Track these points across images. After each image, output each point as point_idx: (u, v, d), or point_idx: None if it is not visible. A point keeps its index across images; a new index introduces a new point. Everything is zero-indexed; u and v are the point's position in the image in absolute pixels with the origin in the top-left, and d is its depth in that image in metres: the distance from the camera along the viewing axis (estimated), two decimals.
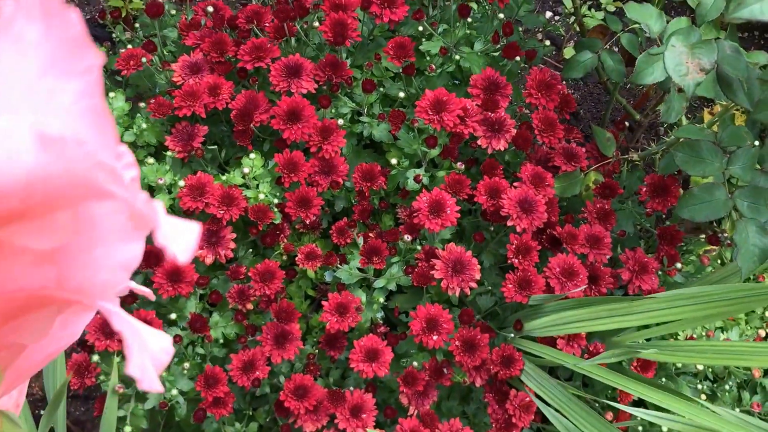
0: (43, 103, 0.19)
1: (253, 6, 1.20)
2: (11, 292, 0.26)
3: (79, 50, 0.19)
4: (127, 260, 0.27)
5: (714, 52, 0.79)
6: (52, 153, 0.19)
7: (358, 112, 1.18)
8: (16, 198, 0.21)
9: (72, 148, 0.19)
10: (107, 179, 0.19)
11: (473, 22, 1.25)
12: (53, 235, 0.24)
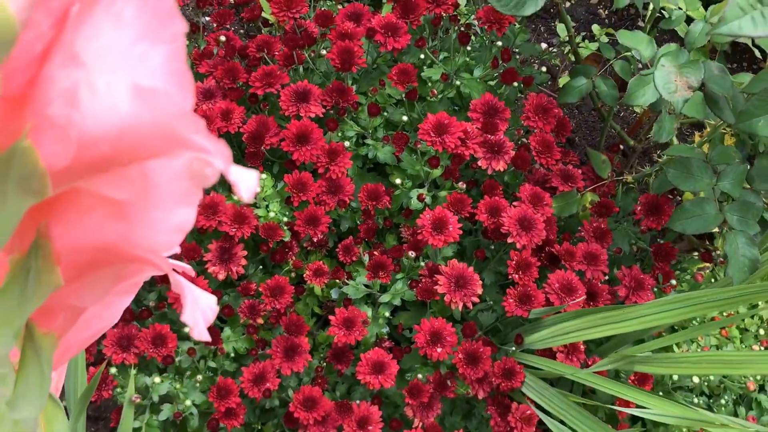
0: (136, 65, 0.24)
1: (263, 36, 1.26)
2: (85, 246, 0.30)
3: (167, 20, 0.24)
4: (183, 223, 0.31)
5: (701, 71, 0.84)
6: (144, 102, 0.24)
7: (363, 136, 1.23)
8: (108, 144, 0.25)
9: (161, 98, 0.23)
10: (189, 128, 0.24)
11: (472, 51, 1.31)
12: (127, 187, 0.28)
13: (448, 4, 1.26)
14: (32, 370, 0.35)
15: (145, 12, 0.24)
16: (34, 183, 0.24)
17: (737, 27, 0.67)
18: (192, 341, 1.09)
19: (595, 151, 1.30)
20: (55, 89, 0.23)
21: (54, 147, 0.24)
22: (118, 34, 0.24)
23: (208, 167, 0.28)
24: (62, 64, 0.23)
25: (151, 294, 1.11)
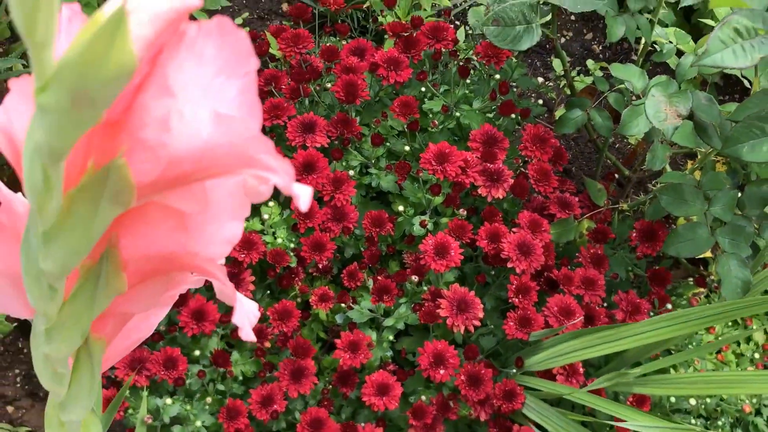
0: (215, 96, 0.28)
1: (271, 70, 1.31)
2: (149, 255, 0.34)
3: (242, 59, 0.28)
4: (233, 236, 0.35)
5: (689, 101, 0.89)
6: (222, 127, 0.28)
7: (366, 165, 1.28)
8: (191, 163, 0.29)
9: (237, 124, 0.28)
10: (260, 149, 0.28)
11: (471, 84, 1.36)
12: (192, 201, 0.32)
13: (447, 39, 1.31)
14: (84, 373, 0.38)
15: (223, 52, 0.28)
16: (125, 196, 0.28)
17: (720, 59, 0.72)
18: (201, 364, 1.12)
19: (593, 180, 1.34)
20: (149, 116, 0.27)
21: (144, 165, 0.28)
22: (201, 70, 0.28)
23: (263, 184, 0.32)
24: (156, 94, 0.27)
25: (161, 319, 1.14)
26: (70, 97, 0.25)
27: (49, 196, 0.29)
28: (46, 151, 0.27)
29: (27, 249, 0.32)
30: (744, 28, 0.76)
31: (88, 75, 0.24)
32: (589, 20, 1.94)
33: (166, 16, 0.27)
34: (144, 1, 0.26)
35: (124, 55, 0.24)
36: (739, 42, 0.74)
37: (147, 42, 0.26)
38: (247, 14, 1.87)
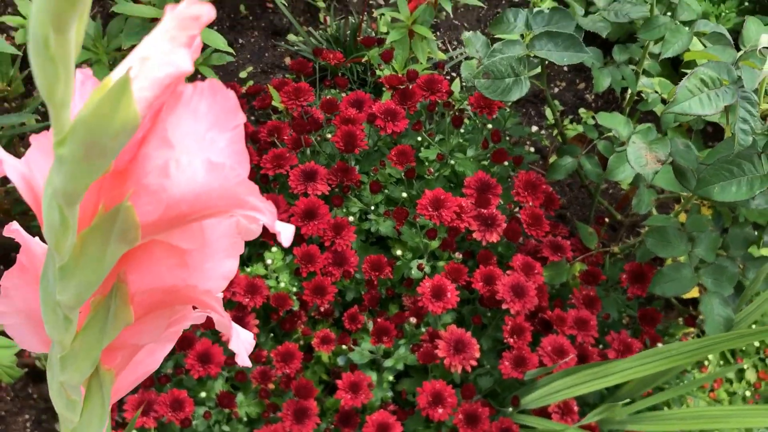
0: (208, 146, 0.33)
1: (273, 122, 1.37)
2: (153, 289, 0.39)
3: (231, 115, 0.33)
4: (229, 272, 0.40)
5: (668, 147, 0.94)
6: (214, 173, 0.33)
7: (366, 211, 1.33)
8: (187, 204, 0.34)
9: (227, 170, 0.33)
10: (246, 191, 0.33)
11: (465, 132, 1.42)
12: (191, 239, 0.37)
13: (442, 91, 1.37)
14: (95, 402, 0.43)
15: (215, 109, 0.33)
16: (131, 234, 0.33)
17: (688, 107, 0.77)
18: (207, 406, 1.15)
19: (584, 224, 1.39)
20: (152, 164, 0.32)
21: (148, 207, 0.33)
22: (195, 124, 0.33)
23: (254, 223, 0.37)
24: (157, 146, 0.32)
25: (168, 362, 1.18)
26: (84, 149, 0.30)
27: (65, 234, 0.33)
28: (63, 195, 0.32)
29: (45, 283, 0.36)
30: (709, 78, 0.81)
31: (98, 131, 0.30)
32: (580, 71, 2.01)
33: (164, 80, 0.32)
34: (145, 69, 0.32)
35: (128, 114, 0.29)
36: (706, 91, 0.79)
37: (148, 102, 0.32)
38: (251, 68, 1.95)
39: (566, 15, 1.23)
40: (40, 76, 0.29)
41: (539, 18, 1.23)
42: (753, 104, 0.81)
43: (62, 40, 0.27)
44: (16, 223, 0.40)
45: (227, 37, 1.99)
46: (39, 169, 0.37)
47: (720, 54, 0.91)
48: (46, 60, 0.28)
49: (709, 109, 0.78)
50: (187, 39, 0.32)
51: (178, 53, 0.32)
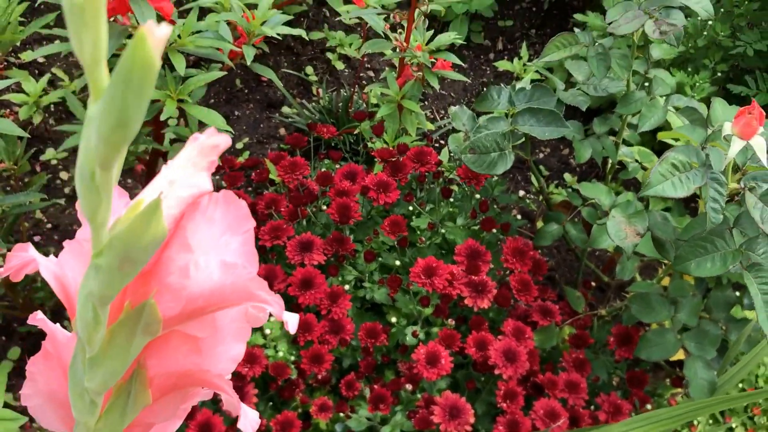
0: (223, 249, 0.38)
1: (271, 194, 1.42)
2: (170, 373, 0.43)
3: (242, 221, 0.38)
4: (237, 355, 0.44)
5: (646, 221, 0.99)
6: (228, 272, 0.38)
7: (360, 279, 1.37)
8: (204, 300, 0.39)
9: (239, 269, 0.37)
10: (257, 287, 0.37)
11: (455, 201, 1.47)
12: (204, 328, 0.42)
13: (431, 163, 1.43)
14: None
15: (228, 216, 0.38)
16: (154, 327, 0.38)
17: (661, 190, 0.83)
18: None
19: (572, 288, 1.43)
20: (174, 266, 0.37)
21: (169, 303, 0.37)
22: (212, 229, 0.38)
23: (261, 312, 0.41)
24: (178, 250, 0.37)
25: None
26: (118, 261, 0.35)
27: (97, 329, 0.38)
28: (97, 297, 0.36)
29: (74, 371, 0.41)
30: (680, 163, 0.87)
31: (132, 245, 0.34)
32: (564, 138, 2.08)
33: (187, 199, 0.37)
34: (172, 190, 0.37)
35: (158, 230, 0.34)
36: (677, 175, 0.85)
37: (174, 218, 0.37)
38: (247, 139, 2.01)
39: (547, 91, 1.30)
40: (85, 202, 0.34)
41: (522, 95, 1.30)
42: (722, 184, 0.86)
43: (106, 174, 0.32)
44: (41, 313, 0.45)
45: (224, 110, 2.06)
46: (70, 268, 0.42)
47: (691, 133, 0.97)
48: (91, 190, 0.33)
49: (681, 191, 0.84)
50: (208, 164, 0.37)
51: (200, 176, 0.37)
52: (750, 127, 0.84)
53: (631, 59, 1.25)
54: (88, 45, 0.30)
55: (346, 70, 2.10)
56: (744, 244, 0.91)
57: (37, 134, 1.89)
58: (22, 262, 0.44)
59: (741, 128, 0.85)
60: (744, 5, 1.63)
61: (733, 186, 0.89)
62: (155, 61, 0.29)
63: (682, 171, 0.86)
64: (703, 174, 0.88)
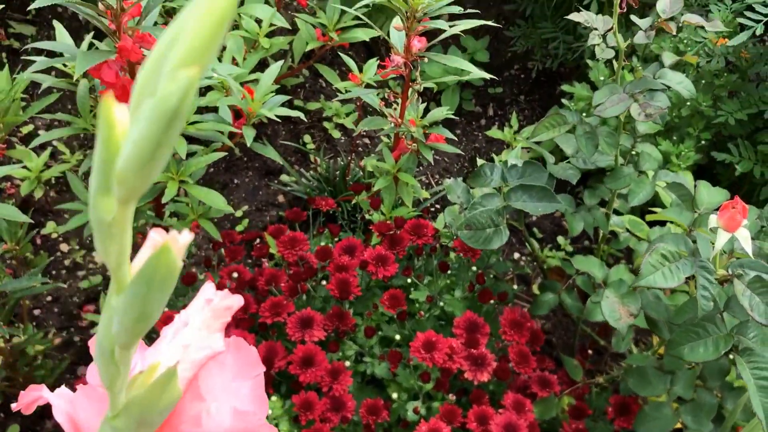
0: (233, 395, 0.41)
1: (270, 270, 1.45)
2: None
3: (252, 366, 0.41)
4: None
5: (638, 301, 1.02)
6: (239, 419, 0.40)
7: (361, 353, 1.39)
8: None
9: (250, 416, 0.40)
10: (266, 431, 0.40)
11: (452, 272, 1.50)
12: None
13: (427, 236, 1.47)
14: None
15: (239, 361, 0.41)
16: None
17: (653, 280, 0.86)
18: None
19: (569, 356, 1.45)
20: (186, 415, 0.40)
21: None
22: (223, 374, 0.41)
23: None
24: (191, 399, 0.40)
25: None
26: (135, 423, 0.38)
27: None
28: None
29: None
30: (669, 253, 0.91)
31: (148, 410, 0.37)
32: None
33: (202, 361, 0.40)
34: (187, 354, 0.40)
35: (173, 394, 0.37)
36: (667, 265, 0.89)
37: (188, 380, 0.40)
38: (246, 207, 2.05)
39: (538, 167, 1.34)
40: (104, 373, 0.37)
41: (514, 171, 1.34)
42: (710, 272, 0.90)
43: (125, 353, 0.35)
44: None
45: (223, 178, 2.10)
46: (83, 410, 0.45)
47: (678, 216, 1.01)
48: (110, 364, 0.36)
49: (672, 282, 0.88)
50: (221, 326, 0.41)
51: (214, 338, 0.40)
52: (734, 221, 0.88)
53: (617, 137, 1.30)
54: (114, 253, 0.33)
55: (343, 137, 2.15)
56: (735, 328, 0.94)
57: (37, 207, 1.92)
58: (34, 399, 0.47)
59: (726, 221, 0.88)
60: (724, 77, 1.69)
61: (721, 272, 0.93)
62: (177, 266, 0.32)
63: (672, 261, 0.90)
64: (692, 263, 0.91)
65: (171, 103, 0.26)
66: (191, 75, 0.26)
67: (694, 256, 0.92)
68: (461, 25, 1.40)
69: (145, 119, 0.27)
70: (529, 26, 2.13)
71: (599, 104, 1.20)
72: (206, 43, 0.26)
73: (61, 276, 1.82)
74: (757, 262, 0.88)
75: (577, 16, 1.23)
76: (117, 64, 1.28)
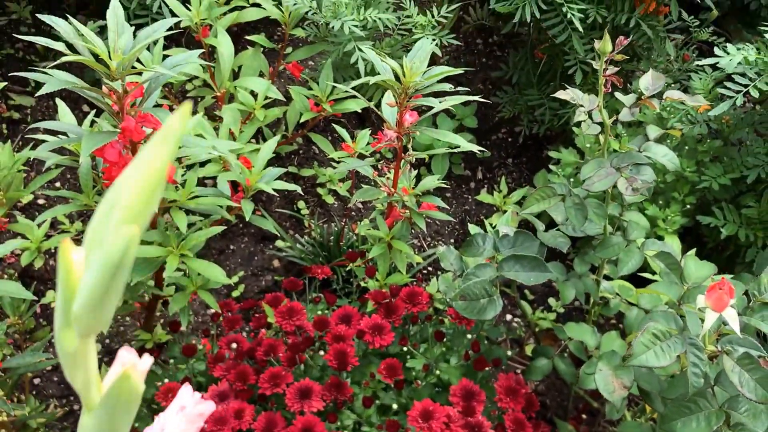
0: None
1: (269, 340, 1.47)
2: None
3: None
4: None
5: (632, 374, 1.06)
6: None
7: (359, 423, 1.41)
8: None
9: None
10: None
11: (447, 339, 1.53)
12: None
13: (422, 303, 1.50)
14: None
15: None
16: None
17: (645, 360, 0.90)
18: None
19: (563, 421, 1.48)
20: None
21: None
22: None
23: None
24: None
25: None
26: None
27: None
28: None
29: None
30: (660, 332, 0.94)
31: None
32: None
33: None
34: None
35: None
36: (658, 344, 0.92)
37: None
38: (242, 272, 2.07)
39: (529, 237, 1.38)
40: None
41: (505, 241, 1.38)
42: (700, 349, 0.93)
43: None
44: None
45: (219, 244, 2.13)
46: None
47: (667, 290, 1.05)
48: None
49: (663, 360, 0.91)
50: (196, 430, 0.44)
51: None
52: (722, 301, 0.92)
53: (606, 207, 1.34)
54: (80, 378, 0.37)
55: (336, 202, 2.19)
56: (726, 402, 0.97)
57: (37, 275, 1.94)
58: None
59: (714, 302, 0.92)
60: (707, 142, 1.75)
61: (711, 348, 0.96)
62: (139, 389, 0.36)
63: (663, 339, 0.93)
64: (682, 341, 0.95)
65: (115, 257, 0.30)
66: (132, 233, 0.30)
67: (684, 333, 0.95)
68: (450, 101, 1.46)
69: (95, 269, 0.31)
70: (515, 92, 2.20)
71: (587, 178, 1.25)
72: (143, 205, 0.30)
73: None
74: (746, 338, 0.92)
75: (563, 94, 1.28)
76: (120, 143, 1.32)
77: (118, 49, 1.23)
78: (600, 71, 1.21)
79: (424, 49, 1.40)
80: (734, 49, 1.62)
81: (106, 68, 1.22)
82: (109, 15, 1.26)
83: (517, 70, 2.18)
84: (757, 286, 1.01)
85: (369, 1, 1.90)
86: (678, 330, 0.96)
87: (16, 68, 2.35)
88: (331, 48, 1.95)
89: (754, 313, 0.97)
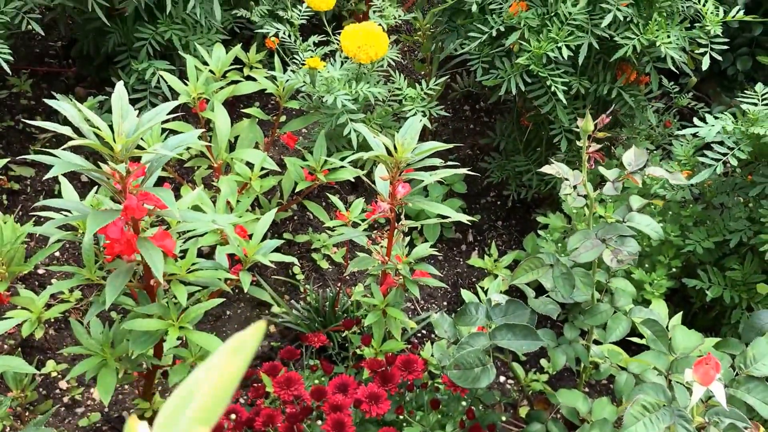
0: None
1: (267, 410, 1.50)
2: None
3: None
4: None
5: None
6: None
7: None
8: None
9: None
10: None
11: (443, 406, 1.56)
12: None
13: (418, 371, 1.53)
14: None
15: None
16: None
17: (635, 431, 0.93)
18: None
19: None
20: None
21: None
22: None
23: None
24: None
25: None
26: None
27: None
28: None
29: None
30: (649, 404, 0.98)
31: None
32: None
33: None
34: None
35: None
36: (648, 415, 0.96)
37: None
38: None
39: (520, 306, 1.42)
40: None
41: (497, 310, 1.42)
42: (688, 421, 0.97)
43: None
44: None
45: (216, 310, 2.16)
46: None
47: (655, 360, 1.09)
48: None
49: (652, 431, 0.95)
50: None
51: None
52: (708, 376, 0.96)
53: (593, 276, 1.39)
54: None
55: (331, 267, 2.23)
56: None
57: (37, 345, 1.96)
58: None
59: (701, 376, 0.96)
60: (690, 207, 1.81)
61: (698, 420, 1.00)
62: None
63: (652, 411, 0.97)
64: (671, 413, 0.98)
65: None
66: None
67: (672, 405, 0.99)
68: (440, 174, 1.52)
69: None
70: (503, 158, 2.27)
71: (574, 249, 1.30)
72: (214, 408, 0.34)
73: (60, 413, 1.85)
74: (732, 410, 0.95)
75: (549, 168, 1.34)
76: (122, 221, 1.36)
77: (122, 133, 1.28)
78: (584, 149, 1.28)
79: (414, 126, 1.47)
80: (713, 119, 1.69)
81: (110, 150, 1.27)
82: (114, 99, 1.32)
83: (504, 137, 2.25)
84: (743, 360, 1.05)
85: (360, 75, 1.97)
86: (667, 402, 1.00)
87: (16, 140, 2.41)
88: (324, 119, 2.02)
89: (740, 386, 1.01)
